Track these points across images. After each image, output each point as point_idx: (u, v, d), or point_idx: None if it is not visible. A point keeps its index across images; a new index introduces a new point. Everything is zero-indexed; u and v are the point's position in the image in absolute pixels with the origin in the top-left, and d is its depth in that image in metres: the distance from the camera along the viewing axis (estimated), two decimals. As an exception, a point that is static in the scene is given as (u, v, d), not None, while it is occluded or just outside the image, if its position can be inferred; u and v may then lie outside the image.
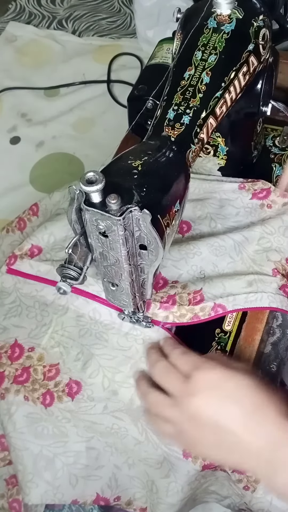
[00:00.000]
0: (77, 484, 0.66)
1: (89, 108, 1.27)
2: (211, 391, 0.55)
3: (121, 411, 0.64)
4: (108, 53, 1.36)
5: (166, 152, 0.56)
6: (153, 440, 0.63)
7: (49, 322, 0.69)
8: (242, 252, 0.71)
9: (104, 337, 0.67)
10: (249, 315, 0.70)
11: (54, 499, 0.65)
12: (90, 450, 0.65)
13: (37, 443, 0.65)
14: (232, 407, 0.54)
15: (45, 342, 0.68)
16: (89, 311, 0.69)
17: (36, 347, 0.68)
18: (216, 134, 0.75)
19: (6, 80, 1.33)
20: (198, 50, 0.61)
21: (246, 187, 0.76)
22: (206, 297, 0.66)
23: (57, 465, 0.65)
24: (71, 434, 0.65)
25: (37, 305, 0.71)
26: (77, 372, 0.66)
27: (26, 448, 0.65)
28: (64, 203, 0.82)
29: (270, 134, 0.86)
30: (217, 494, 0.68)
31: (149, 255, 0.53)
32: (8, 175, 1.18)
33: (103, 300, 0.68)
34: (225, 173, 0.79)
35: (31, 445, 0.65)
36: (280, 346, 0.74)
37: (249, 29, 0.62)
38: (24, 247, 0.74)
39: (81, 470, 0.66)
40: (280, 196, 0.74)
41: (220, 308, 0.66)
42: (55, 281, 0.69)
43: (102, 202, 0.48)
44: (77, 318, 0.69)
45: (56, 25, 1.46)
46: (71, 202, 0.50)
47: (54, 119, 1.26)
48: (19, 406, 0.65)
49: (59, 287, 0.55)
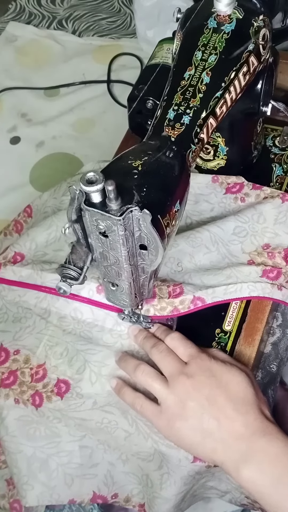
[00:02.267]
0: (73, 483, 0.66)
1: (89, 108, 1.27)
2: (205, 378, 0.58)
3: (110, 405, 0.64)
4: (108, 53, 1.36)
5: (166, 152, 0.56)
6: (144, 430, 0.63)
7: (32, 324, 0.69)
8: (218, 242, 0.71)
9: (88, 335, 0.68)
10: (249, 315, 0.70)
11: (50, 500, 0.65)
12: (83, 449, 0.66)
13: (30, 445, 0.65)
14: (221, 397, 0.58)
15: (30, 343, 0.68)
16: (70, 311, 0.69)
17: (21, 349, 0.68)
18: (216, 134, 0.75)
19: (6, 80, 1.33)
20: (198, 50, 0.61)
21: (219, 180, 0.76)
22: (185, 290, 0.67)
23: (52, 466, 0.65)
24: (63, 434, 0.65)
25: (20, 310, 0.71)
26: (64, 369, 0.66)
27: (19, 451, 0.65)
28: (49, 201, 0.82)
29: (270, 134, 0.86)
30: (217, 490, 0.68)
31: (149, 255, 0.53)
32: (8, 175, 1.18)
33: (82, 298, 0.68)
34: (225, 173, 0.79)
35: (24, 448, 0.65)
36: (280, 346, 0.74)
37: (249, 29, 0.62)
38: (8, 255, 0.75)
39: (75, 469, 0.66)
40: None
41: (199, 301, 0.66)
42: (36, 284, 0.70)
43: (102, 202, 0.48)
44: (60, 319, 0.69)
45: (56, 25, 1.46)
46: (71, 202, 0.50)
47: (54, 119, 1.26)
48: (10, 410, 0.65)
49: (59, 287, 0.55)
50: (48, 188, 0.86)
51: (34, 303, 0.71)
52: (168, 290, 0.67)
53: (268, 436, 0.56)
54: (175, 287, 0.67)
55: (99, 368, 0.65)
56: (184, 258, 0.71)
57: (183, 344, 0.62)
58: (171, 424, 0.59)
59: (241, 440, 0.56)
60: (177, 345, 0.62)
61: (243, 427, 0.56)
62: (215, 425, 0.57)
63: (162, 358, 0.62)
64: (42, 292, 0.70)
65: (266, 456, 0.55)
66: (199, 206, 0.76)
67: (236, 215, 0.73)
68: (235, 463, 0.55)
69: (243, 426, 0.56)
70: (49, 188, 0.85)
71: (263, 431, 0.56)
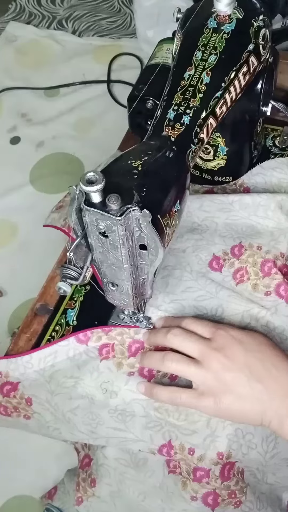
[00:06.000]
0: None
1: (89, 108, 1.28)
2: (236, 347, 0.59)
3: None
4: (108, 53, 1.36)
5: (166, 152, 0.56)
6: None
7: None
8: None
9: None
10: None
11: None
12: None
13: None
14: (256, 359, 0.58)
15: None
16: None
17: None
18: (216, 134, 0.75)
19: (6, 80, 1.34)
20: (198, 50, 0.61)
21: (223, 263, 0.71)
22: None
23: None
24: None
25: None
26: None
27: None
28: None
29: (270, 134, 0.86)
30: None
31: (149, 255, 0.53)
32: (8, 175, 1.18)
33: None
34: (225, 173, 0.79)
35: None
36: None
37: (249, 29, 0.62)
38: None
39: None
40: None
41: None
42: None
43: (102, 202, 0.48)
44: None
45: (56, 25, 1.46)
46: (71, 202, 0.50)
47: (54, 119, 1.26)
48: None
49: (59, 287, 0.55)
50: (48, 188, 0.86)
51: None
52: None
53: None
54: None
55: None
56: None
57: (200, 323, 0.62)
58: (218, 401, 0.58)
59: (286, 397, 0.56)
60: (195, 326, 0.62)
61: (287, 383, 0.57)
62: (261, 388, 0.57)
63: (183, 341, 0.61)
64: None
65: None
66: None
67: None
68: (282, 418, 0.56)
69: (286, 384, 0.57)
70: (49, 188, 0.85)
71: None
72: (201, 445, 0.61)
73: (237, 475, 0.61)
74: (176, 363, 0.60)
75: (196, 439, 0.61)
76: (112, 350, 0.66)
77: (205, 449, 0.61)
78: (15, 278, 1.15)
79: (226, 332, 0.60)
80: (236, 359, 0.58)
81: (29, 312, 0.74)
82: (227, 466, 0.61)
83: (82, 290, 0.73)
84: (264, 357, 0.58)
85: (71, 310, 0.72)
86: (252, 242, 0.70)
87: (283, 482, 0.64)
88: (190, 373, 0.59)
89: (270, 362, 0.58)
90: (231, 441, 0.60)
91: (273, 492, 0.64)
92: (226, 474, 0.61)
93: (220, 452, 0.60)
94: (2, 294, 1.14)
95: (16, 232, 1.19)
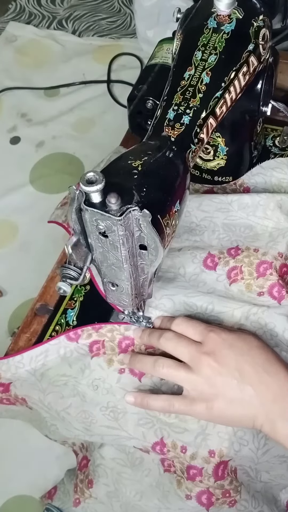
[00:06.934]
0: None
1: (89, 108, 1.28)
2: (226, 351, 0.58)
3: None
4: (108, 53, 1.36)
5: (166, 152, 0.56)
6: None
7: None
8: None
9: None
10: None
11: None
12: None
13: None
14: (247, 363, 0.58)
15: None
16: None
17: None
18: (216, 134, 0.75)
19: (6, 80, 1.34)
20: (198, 50, 0.61)
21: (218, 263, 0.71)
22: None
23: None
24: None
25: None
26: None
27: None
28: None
29: (270, 134, 0.86)
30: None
31: (149, 255, 0.53)
32: (8, 175, 1.18)
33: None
34: (225, 173, 0.79)
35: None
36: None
37: (249, 29, 0.62)
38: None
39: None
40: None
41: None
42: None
43: (102, 202, 0.48)
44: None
45: (56, 25, 1.46)
46: (71, 202, 0.50)
47: (54, 119, 1.26)
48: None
49: (59, 287, 0.55)
50: (48, 188, 0.86)
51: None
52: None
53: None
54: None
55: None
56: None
57: (191, 325, 0.61)
58: (210, 406, 0.58)
59: (278, 400, 0.56)
60: (185, 328, 0.61)
61: (278, 388, 0.57)
62: (252, 392, 0.56)
63: (174, 345, 0.61)
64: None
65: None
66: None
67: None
68: (273, 423, 0.56)
69: (278, 386, 0.57)
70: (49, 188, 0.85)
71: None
72: (193, 443, 0.61)
73: (231, 474, 0.61)
74: (167, 368, 0.60)
75: (187, 437, 0.61)
76: (102, 346, 0.66)
77: (197, 447, 0.61)
78: (15, 278, 1.15)
79: (217, 335, 0.59)
80: (227, 364, 0.58)
81: (29, 312, 0.74)
82: (221, 465, 0.61)
83: (82, 290, 0.73)
84: (255, 361, 0.58)
85: (71, 310, 0.72)
86: (249, 245, 0.70)
87: (278, 480, 0.64)
88: (180, 379, 0.59)
89: (261, 366, 0.58)
90: (222, 439, 0.60)
91: (269, 491, 0.64)
92: (220, 473, 0.61)
93: (212, 450, 0.60)
94: (2, 294, 1.14)
95: (16, 232, 1.19)
